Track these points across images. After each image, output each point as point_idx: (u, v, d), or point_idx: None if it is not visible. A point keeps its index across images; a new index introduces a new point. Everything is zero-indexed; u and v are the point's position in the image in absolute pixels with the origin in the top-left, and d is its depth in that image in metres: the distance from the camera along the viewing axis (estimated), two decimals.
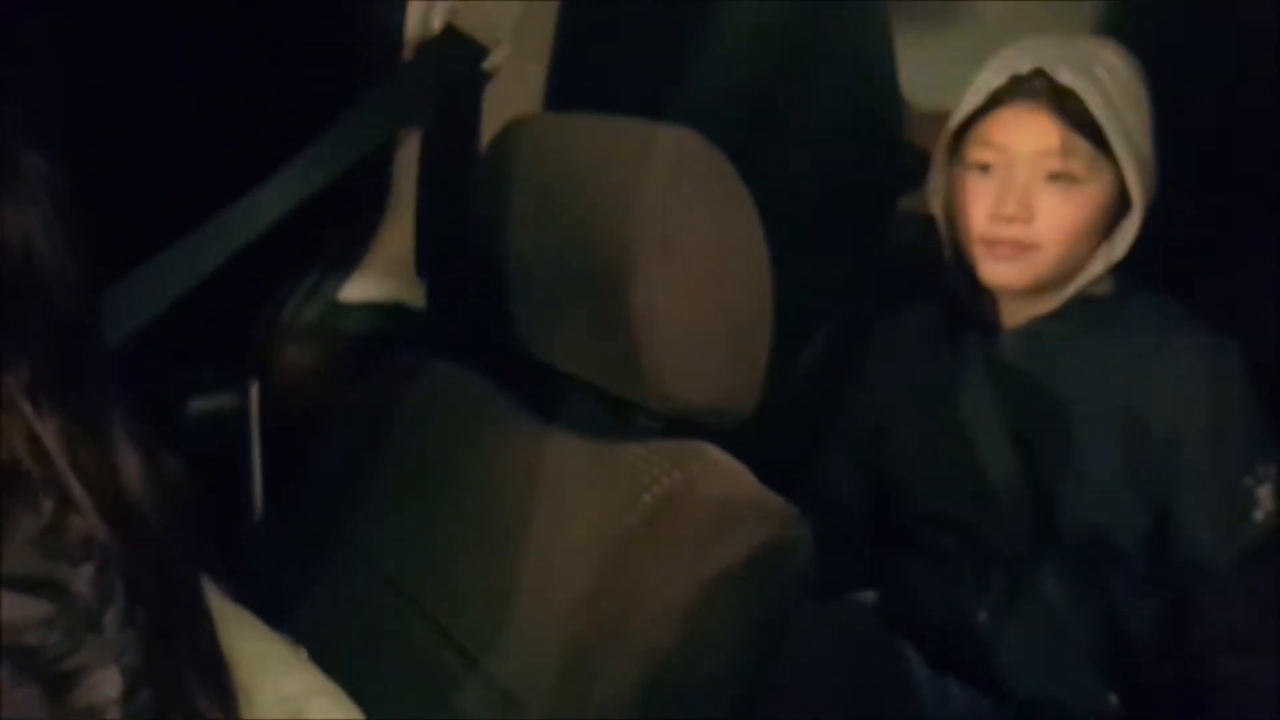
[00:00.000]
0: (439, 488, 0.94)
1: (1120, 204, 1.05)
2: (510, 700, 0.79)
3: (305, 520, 1.05)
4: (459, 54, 1.08)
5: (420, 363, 1.06)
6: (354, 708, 0.66)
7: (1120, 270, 1.08)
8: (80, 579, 0.46)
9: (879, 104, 1.52)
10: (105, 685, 0.46)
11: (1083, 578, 1.10)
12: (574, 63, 1.20)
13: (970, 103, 1.07)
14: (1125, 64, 1.05)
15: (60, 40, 1.01)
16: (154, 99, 1.09)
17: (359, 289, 1.20)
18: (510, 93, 1.15)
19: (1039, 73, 1.02)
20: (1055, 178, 1.03)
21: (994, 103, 1.05)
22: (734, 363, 0.81)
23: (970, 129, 1.07)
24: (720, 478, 0.80)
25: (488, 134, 1.01)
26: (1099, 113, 1.01)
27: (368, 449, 1.02)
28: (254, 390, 1.15)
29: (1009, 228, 1.03)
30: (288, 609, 0.95)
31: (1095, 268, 1.07)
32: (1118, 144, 1.02)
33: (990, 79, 1.05)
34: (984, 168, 1.06)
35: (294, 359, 1.17)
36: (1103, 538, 1.08)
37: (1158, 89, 1.07)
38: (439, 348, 1.08)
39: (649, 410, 0.83)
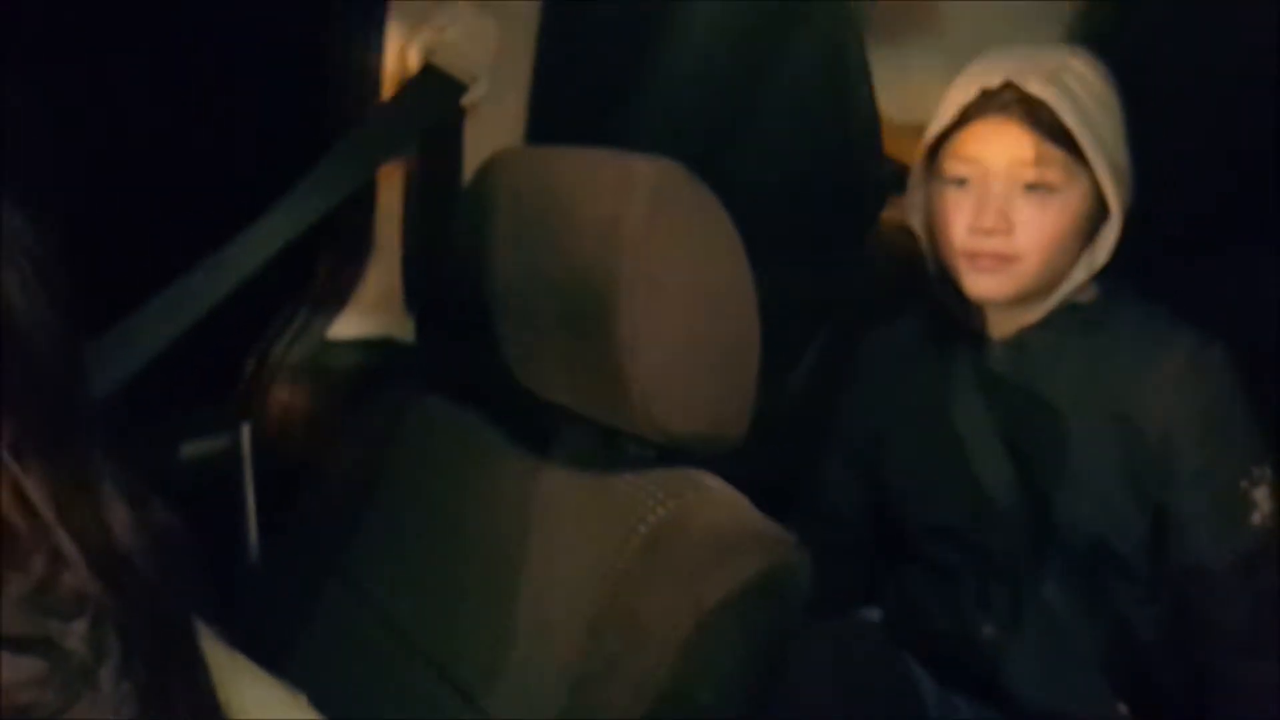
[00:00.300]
0: (434, 524, 0.94)
1: (1099, 210, 1.06)
2: None
3: (300, 561, 1.04)
4: (438, 90, 1.09)
5: (412, 398, 1.06)
6: None
7: (1104, 276, 1.09)
8: (73, 635, 0.46)
9: (857, 120, 1.53)
10: None
11: (1085, 586, 1.10)
12: (553, 94, 1.20)
13: (943, 118, 1.07)
14: (1094, 71, 1.06)
15: (45, 89, 1.01)
16: (140, 143, 1.10)
17: (348, 326, 1.20)
18: (491, 127, 1.15)
19: (1008, 85, 1.03)
20: (1032, 188, 1.03)
21: (966, 117, 1.05)
22: (722, 390, 0.81)
23: (944, 144, 1.08)
24: (716, 506, 0.80)
25: (470, 168, 1.01)
26: (1071, 121, 1.01)
27: (361, 487, 1.02)
28: (245, 432, 1.15)
29: (989, 241, 1.03)
30: (285, 652, 0.95)
31: (1078, 275, 1.07)
32: (1091, 152, 1.02)
33: (960, 94, 1.05)
34: (960, 181, 1.06)
35: (284, 399, 1.17)
36: (1102, 545, 1.07)
37: (1133, 94, 1.07)
38: (430, 383, 1.08)
39: (641, 439, 0.83)
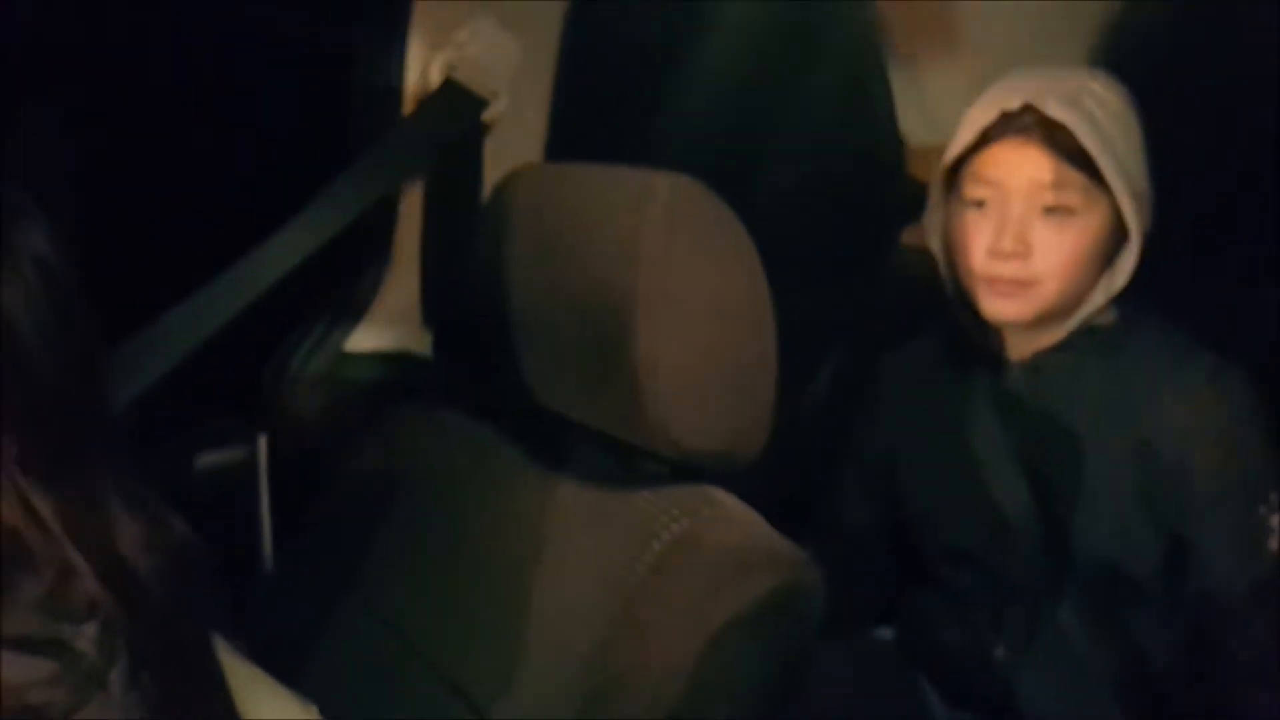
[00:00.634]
0: (448, 539, 0.95)
1: (1118, 233, 1.05)
2: None
3: (315, 574, 1.05)
4: (458, 107, 1.10)
5: (428, 412, 1.07)
6: None
7: (1123, 299, 1.08)
8: (84, 638, 0.46)
9: (877, 141, 1.53)
10: None
11: (1100, 610, 1.09)
12: (573, 111, 1.21)
13: (962, 140, 1.07)
14: (1115, 93, 1.05)
15: (73, 102, 1.03)
16: (165, 156, 1.11)
17: (366, 339, 1.21)
18: (511, 143, 1.16)
19: (1028, 107, 1.03)
20: (1051, 211, 1.02)
21: (986, 139, 1.05)
22: (739, 407, 0.81)
23: (964, 166, 1.07)
24: (730, 524, 0.80)
25: (489, 184, 1.02)
26: (1090, 144, 1.01)
27: (376, 501, 1.03)
28: (262, 443, 1.16)
29: (1008, 265, 1.03)
30: (299, 663, 0.95)
31: (1097, 298, 1.06)
32: (1111, 174, 1.01)
33: (980, 116, 1.05)
34: (979, 204, 1.06)
35: (302, 411, 1.17)
36: (1118, 569, 1.07)
37: (1155, 117, 1.07)
38: (446, 397, 1.09)
39: (656, 455, 0.83)
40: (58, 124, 1.00)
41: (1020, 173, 1.03)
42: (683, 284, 0.79)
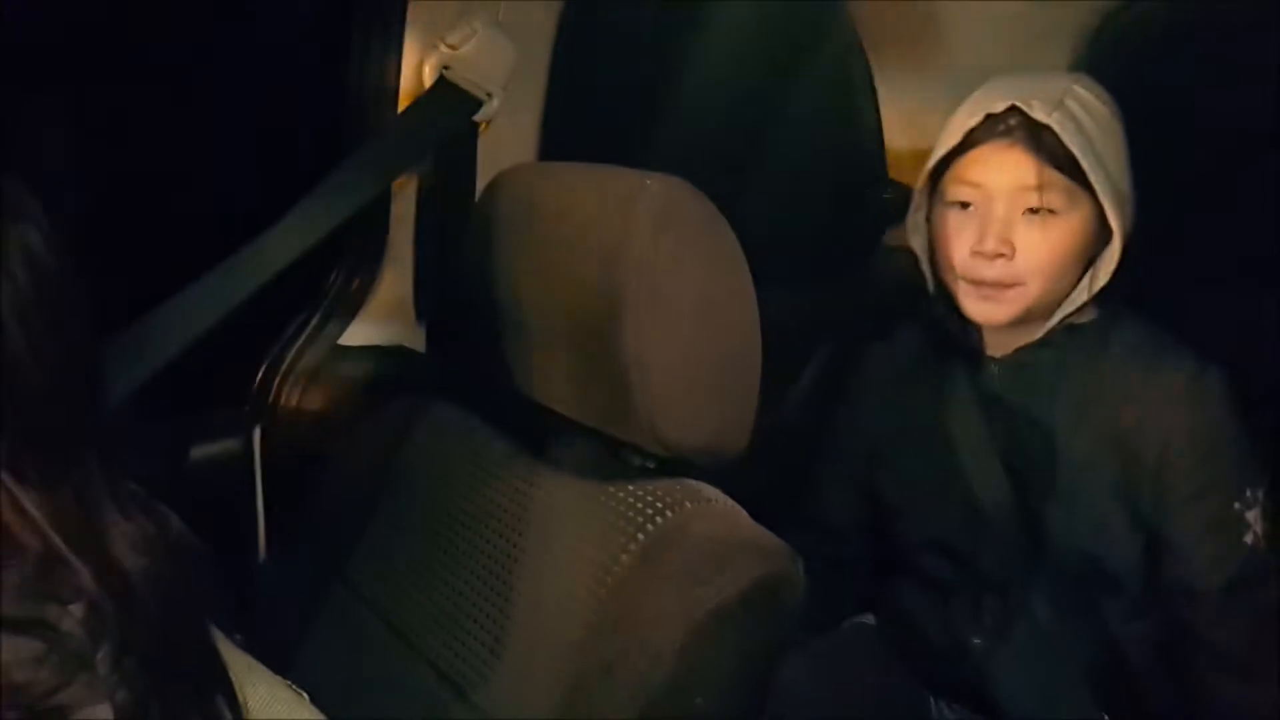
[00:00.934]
0: (438, 530, 0.96)
1: (1099, 234, 1.06)
2: None
3: (307, 564, 1.06)
4: (452, 105, 1.11)
5: (420, 406, 1.08)
6: None
7: (1103, 298, 1.09)
8: (70, 619, 0.47)
9: (862, 143, 1.54)
10: None
11: (1075, 602, 1.11)
12: (565, 112, 1.22)
13: (947, 142, 1.08)
14: (1098, 97, 1.07)
15: (69, 100, 1.03)
16: (161, 152, 1.11)
17: (360, 334, 1.22)
18: (504, 142, 1.17)
19: (1013, 110, 1.04)
20: (1034, 212, 1.03)
21: (970, 141, 1.06)
22: (725, 404, 0.83)
23: (948, 168, 1.08)
24: (713, 516, 0.82)
25: (483, 182, 1.03)
26: (1074, 146, 1.02)
27: (368, 493, 1.04)
28: (256, 436, 1.17)
29: (991, 267, 1.04)
30: (291, 651, 0.96)
31: (1079, 297, 1.07)
32: (1094, 176, 1.02)
33: (965, 118, 1.06)
34: (963, 205, 1.07)
35: (296, 403, 1.18)
36: (1095, 562, 1.08)
37: (1136, 123, 1.08)
38: (439, 391, 1.10)
39: (642, 450, 0.85)
40: (53, 119, 1.00)
41: (1004, 175, 1.04)
42: (670, 283, 0.80)
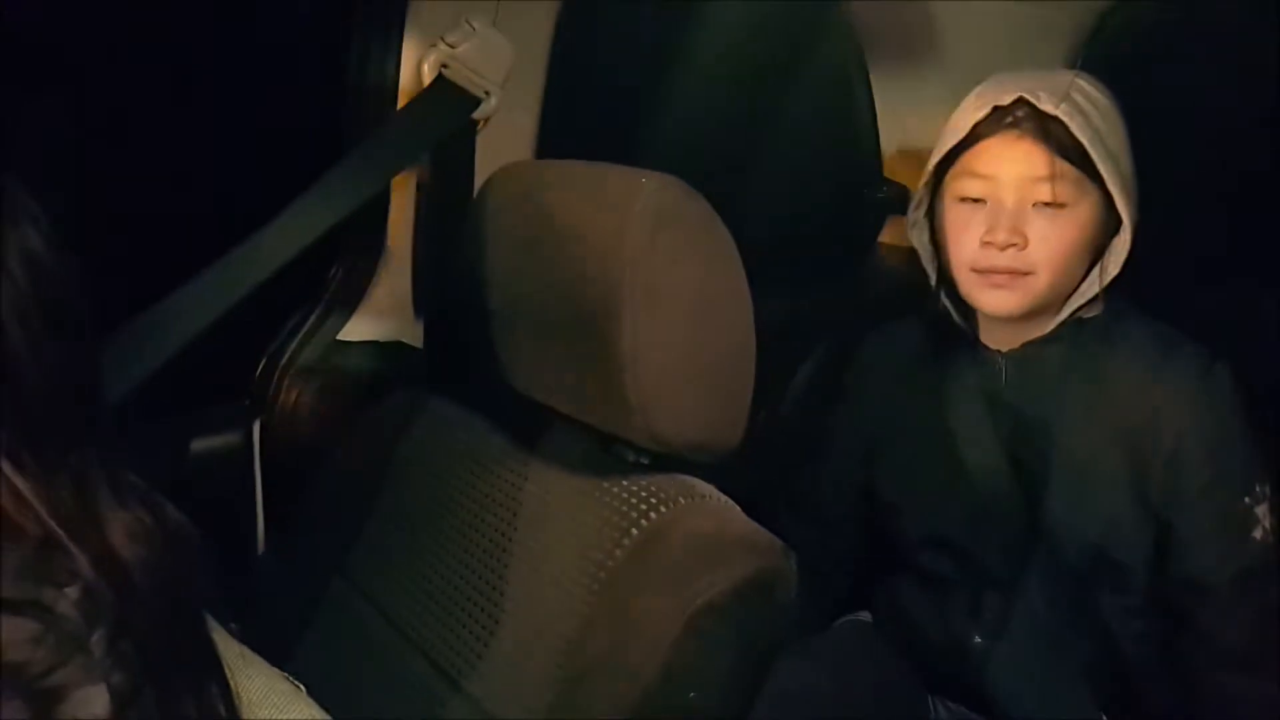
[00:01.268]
0: (436, 524, 0.96)
1: (1107, 226, 1.06)
2: None
3: (306, 557, 1.07)
4: (451, 104, 1.11)
5: (418, 401, 1.08)
6: None
7: (1109, 293, 1.09)
8: (66, 601, 0.47)
9: (858, 142, 1.55)
10: (93, 702, 0.46)
11: (1077, 599, 1.10)
12: (563, 111, 1.23)
13: (952, 137, 1.07)
14: (1099, 90, 1.06)
15: (74, 95, 1.04)
16: (163, 148, 1.12)
17: (359, 329, 1.22)
18: (502, 140, 1.18)
19: (1020, 102, 1.03)
20: (1045, 204, 1.03)
21: (976, 135, 1.05)
22: (719, 401, 0.83)
23: (953, 163, 1.08)
24: (706, 512, 0.82)
25: (481, 180, 1.03)
26: (1083, 137, 1.01)
27: (366, 486, 1.04)
28: (256, 429, 1.18)
29: (1002, 256, 1.04)
30: (288, 643, 0.97)
31: (1090, 289, 1.07)
32: (1104, 167, 1.02)
33: (971, 112, 1.06)
34: (972, 199, 1.06)
35: (295, 398, 1.19)
36: (1101, 558, 1.08)
37: (1134, 123, 1.08)
38: (436, 386, 1.10)
39: (636, 446, 0.86)
40: (52, 118, 1.01)
41: (1014, 167, 1.03)
42: (666, 280, 0.80)
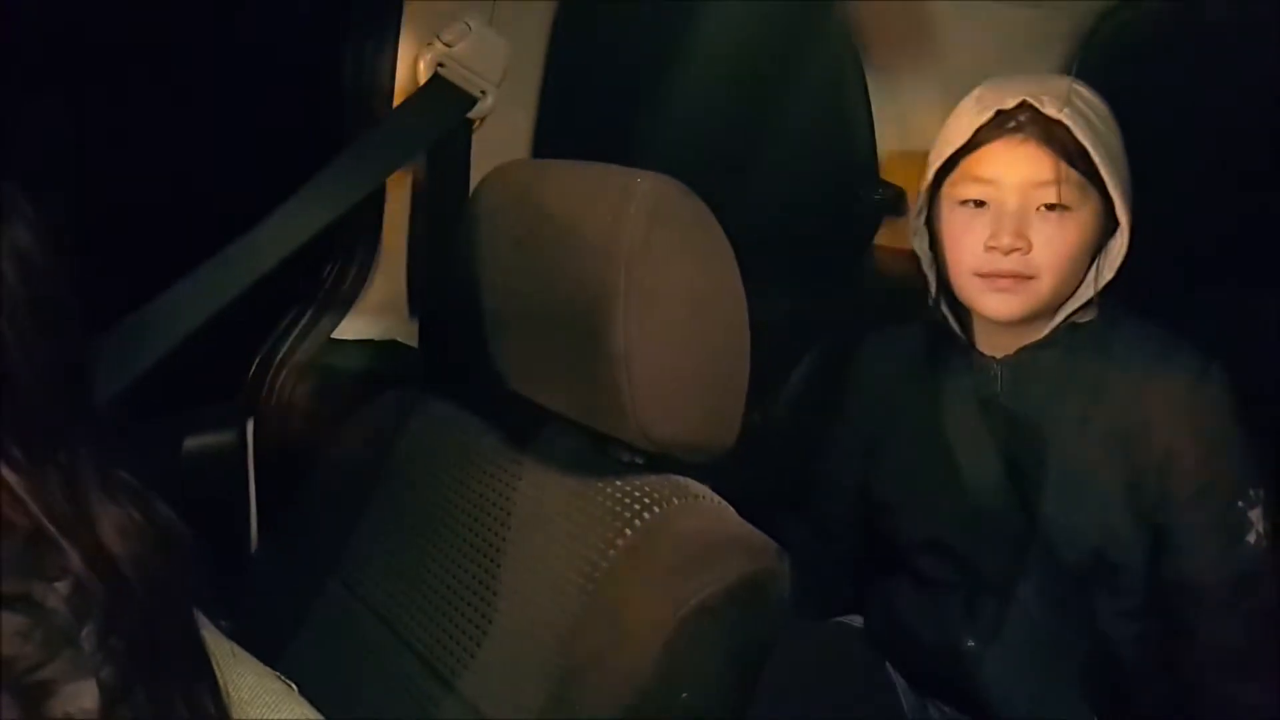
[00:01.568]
0: (428, 523, 0.96)
1: (1104, 228, 1.06)
2: None
3: (298, 556, 1.06)
4: (446, 102, 1.11)
5: (412, 400, 1.08)
6: None
7: (1104, 298, 1.09)
8: (55, 595, 0.47)
9: (854, 144, 1.55)
10: (82, 697, 0.46)
11: (1071, 602, 1.11)
12: (559, 110, 1.23)
13: (954, 141, 1.07)
14: (1095, 96, 1.07)
15: (70, 93, 1.04)
16: (159, 146, 1.12)
17: (354, 327, 1.22)
18: (498, 140, 1.18)
19: (1023, 106, 1.03)
20: (1049, 208, 1.03)
21: (978, 140, 1.05)
22: (713, 401, 0.83)
23: (953, 167, 1.08)
24: (700, 513, 0.82)
25: (476, 179, 1.03)
26: (1086, 141, 1.02)
27: (360, 485, 1.04)
28: (250, 427, 1.17)
29: (1006, 260, 1.03)
30: (281, 644, 0.97)
31: (1085, 293, 1.07)
32: (1106, 171, 1.02)
33: (973, 116, 1.06)
34: (974, 203, 1.06)
35: (289, 397, 1.19)
36: (1097, 562, 1.08)
37: (1131, 128, 1.09)
38: (430, 385, 1.10)
39: (631, 446, 0.85)
40: (46, 116, 1.01)
41: (1018, 171, 1.03)
42: (660, 280, 0.80)
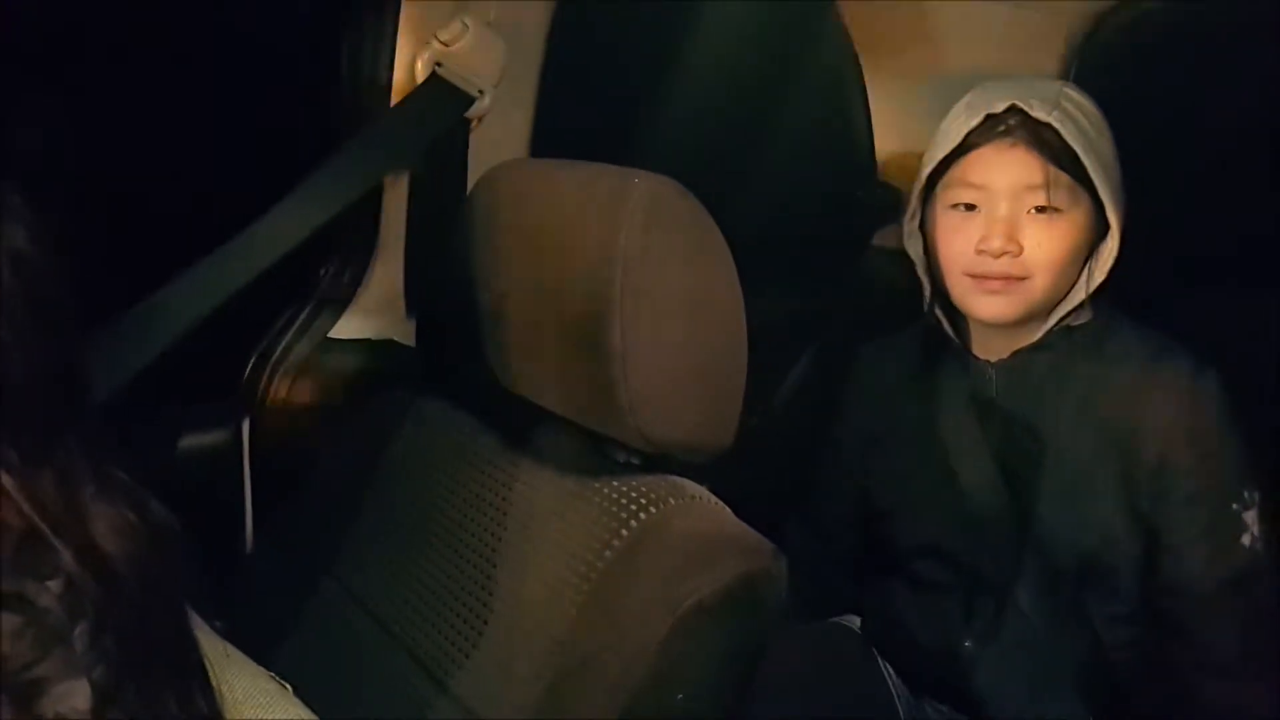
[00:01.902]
0: (424, 523, 0.96)
1: (1097, 233, 1.06)
2: None
3: (293, 556, 1.06)
4: (444, 101, 1.11)
5: (409, 400, 1.08)
6: None
7: (1098, 300, 1.09)
8: (48, 594, 0.47)
9: (853, 146, 1.55)
10: (74, 697, 0.46)
11: (1068, 605, 1.11)
12: (557, 110, 1.23)
13: (945, 145, 1.07)
14: (1086, 99, 1.07)
15: (68, 90, 1.03)
16: (155, 144, 1.11)
17: (350, 327, 1.22)
18: (496, 139, 1.18)
19: (1012, 110, 1.04)
20: (1040, 211, 1.03)
21: (969, 144, 1.06)
22: (709, 402, 0.83)
23: (945, 172, 1.08)
24: (696, 513, 0.82)
25: (474, 179, 1.03)
26: (1075, 144, 1.02)
27: (355, 485, 1.04)
28: (245, 426, 1.17)
29: (997, 263, 1.04)
30: (275, 644, 0.97)
31: (1077, 295, 1.07)
32: (1096, 173, 1.03)
33: (963, 120, 1.06)
34: (966, 207, 1.06)
35: (285, 395, 1.19)
36: (1092, 565, 1.08)
37: (1129, 130, 1.09)
38: (427, 385, 1.10)
39: (627, 446, 0.85)
40: (42, 113, 1.01)
41: (1008, 175, 1.04)
42: (658, 280, 0.80)
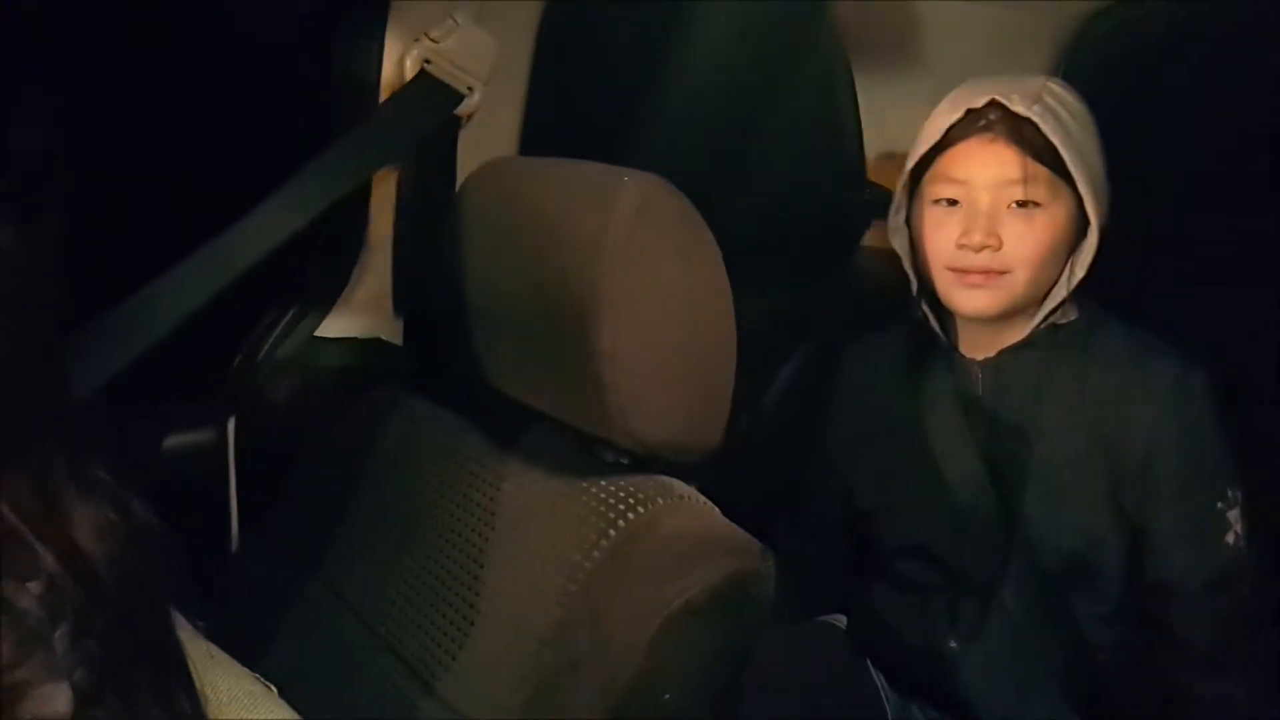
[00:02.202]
0: (410, 524, 0.96)
1: (1079, 228, 1.07)
2: None
3: (279, 556, 1.06)
4: (433, 99, 1.11)
5: (396, 399, 1.08)
6: None
7: (1084, 299, 1.10)
8: (28, 596, 0.46)
9: (842, 146, 1.55)
10: (54, 700, 0.46)
11: (1052, 605, 1.11)
12: (547, 108, 1.22)
13: (926, 140, 1.08)
14: (1071, 94, 1.08)
15: (53, 89, 1.02)
16: (142, 141, 1.11)
17: (337, 325, 1.21)
18: (485, 137, 1.17)
19: (992, 105, 1.05)
20: (1020, 205, 1.04)
21: (950, 139, 1.07)
22: (698, 401, 0.83)
23: (928, 167, 1.09)
24: (684, 513, 0.82)
25: (463, 177, 1.03)
26: (1055, 138, 1.03)
27: (342, 485, 1.04)
28: (231, 425, 1.16)
29: (978, 256, 1.05)
30: (261, 645, 0.96)
31: (1059, 292, 1.08)
32: (1075, 168, 1.03)
33: (944, 116, 1.07)
34: (948, 202, 1.07)
35: (271, 394, 1.18)
36: (1078, 564, 1.09)
37: (1116, 131, 1.09)
38: (415, 384, 1.10)
39: (616, 445, 0.85)
40: (30, 110, 1.00)
41: (988, 170, 1.05)
42: (646, 279, 0.80)
